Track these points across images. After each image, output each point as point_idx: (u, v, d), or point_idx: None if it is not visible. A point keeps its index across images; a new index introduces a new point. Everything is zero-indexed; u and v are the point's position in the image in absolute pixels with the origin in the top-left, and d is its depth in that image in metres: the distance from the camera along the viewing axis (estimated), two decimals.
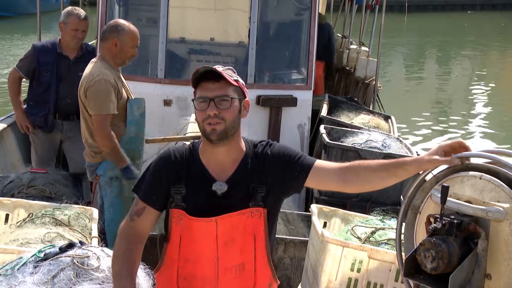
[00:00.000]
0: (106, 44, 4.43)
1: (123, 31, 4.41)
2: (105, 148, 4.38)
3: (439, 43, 26.75)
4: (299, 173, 2.59)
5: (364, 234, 3.66)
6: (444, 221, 2.27)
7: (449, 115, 14.56)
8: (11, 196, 4.81)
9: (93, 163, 4.50)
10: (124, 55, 4.47)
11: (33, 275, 2.57)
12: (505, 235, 2.25)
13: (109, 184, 4.44)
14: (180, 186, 2.54)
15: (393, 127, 6.73)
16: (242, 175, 2.57)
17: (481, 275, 2.31)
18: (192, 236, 2.54)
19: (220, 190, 2.54)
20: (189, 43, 7.02)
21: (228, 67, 2.61)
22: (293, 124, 5.88)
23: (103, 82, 4.28)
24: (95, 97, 4.28)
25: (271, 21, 6.70)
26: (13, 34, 22.89)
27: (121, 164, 4.42)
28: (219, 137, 2.51)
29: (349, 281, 3.45)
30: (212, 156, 2.58)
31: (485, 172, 2.33)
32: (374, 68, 8.55)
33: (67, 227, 3.51)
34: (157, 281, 2.69)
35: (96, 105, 4.30)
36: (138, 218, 2.57)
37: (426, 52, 25.10)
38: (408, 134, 11.94)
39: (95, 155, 4.46)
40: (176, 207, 2.54)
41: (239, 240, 2.55)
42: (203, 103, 2.50)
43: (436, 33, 29.01)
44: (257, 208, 2.55)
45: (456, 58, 23.83)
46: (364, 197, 5.23)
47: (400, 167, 2.46)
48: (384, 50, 10.01)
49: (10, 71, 5.90)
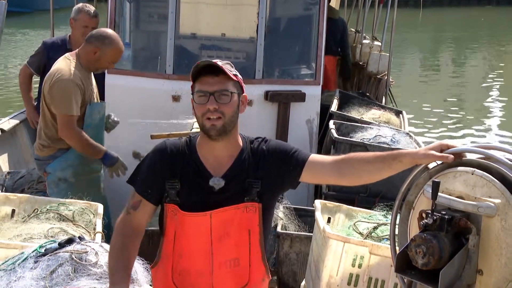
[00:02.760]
0: (88, 48, 4.42)
1: (108, 45, 4.40)
2: (76, 147, 4.39)
3: (455, 38, 26.55)
4: (294, 167, 2.61)
5: (366, 229, 3.66)
6: (435, 216, 2.27)
7: (463, 110, 14.43)
8: (21, 191, 4.91)
9: (40, 157, 4.51)
10: (99, 65, 4.48)
11: (32, 270, 2.61)
12: (496, 230, 2.24)
13: (56, 184, 4.43)
14: (174, 181, 2.55)
15: (404, 122, 6.69)
16: (238, 170, 2.58)
17: (472, 270, 2.31)
18: (186, 231, 2.56)
19: (218, 185, 2.56)
20: (200, 38, 7.05)
21: (226, 61, 2.62)
22: (302, 120, 5.87)
23: (70, 83, 4.27)
24: (60, 96, 4.28)
25: (280, 16, 6.69)
26: (29, 30, 23.11)
27: (98, 156, 4.44)
28: (218, 133, 2.52)
29: (350, 276, 3.45)
30: (209, 151, 2.59)
31: (477, 167, 2.33)
32: (387, 63, 8.50)
33: (71, 222, 3.56)
34: (154, 277, 2.71)
35: (61, 105, 4.30)
36: (134, 212, 2.58)
37: (441, 47, 24.93)
38: (421, 129, 11.87)
39: (43, 148, 4.47)
40: (170, 202, 2.56)
41: (233, 235, 2.57)
42: (203, 97, 2.51)
43: (451, 28, 28.79)
44: (252, 203, 2.57)
45: (471, 53, 23.62)
46: (372, 193, 5.20)
47: (396, 159, 2.46)
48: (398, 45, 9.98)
49: (21, 67, 5.98)
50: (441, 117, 13.41)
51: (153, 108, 5.69)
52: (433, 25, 29.15)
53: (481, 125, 13.00)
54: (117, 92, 5.75)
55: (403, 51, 21.14)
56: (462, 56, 23.13)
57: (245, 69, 6.00)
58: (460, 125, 13.02)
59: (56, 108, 4.34)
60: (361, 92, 8.59)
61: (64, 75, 4.29)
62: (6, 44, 19.63)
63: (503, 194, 2.23)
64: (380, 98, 8.55)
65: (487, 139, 11.69)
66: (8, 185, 5.17)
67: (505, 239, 2.22)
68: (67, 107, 4.29)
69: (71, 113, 4.30)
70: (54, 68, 4.41)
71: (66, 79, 4.28)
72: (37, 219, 3.55)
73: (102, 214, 3.76)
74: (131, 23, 6.79)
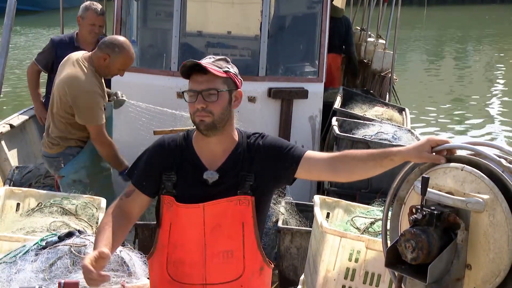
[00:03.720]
0: (99, 54, 4.50)
1: (118, 53, 4.47)
2: (106, 157, 4.54)
3: (459, 36, 26.51)
4: (290, 163, 2.65)
5: (364, 224, 3.71)
6: (425, 211, 2.30)
7: (466, 107, 14.45)
8: (28, 186, 5.01)
9: (50, 154, 4.60)
10: (109, 72, 4.56)
11: (32, 263, 2.68)
12: (485, 226, 2.27)
13: (71, 186, 4.50)
14: (171, 173, 2.61)
15: (407, 119, 6.73)
16: (232, 164, 2.63)
17: (460, 265, 2.33)
18: (181, 222, 2.62)
19: (212, 179, 2.61)
20: (206, 36, 7.12)
21: (221, 57, 2.66)
22: (304, 116, 5.92)
23: (94, 95, 4.39)
24: (89, 109, 4.40)
25: (283, 14, 6.74)
26: (42, 28, 23.24)
27: (119, 169, 4.55)
28: (207, 128, 2.57)
29: (347, 270, 3.50)
30: (204, 145, 2.65)
31: (466, 163, 2.36)
32: (390, 60, 8.55)
33: (73, 216, 3.63)
34: (150, 267, 2.77)
35: (91, 118, 4.42)
36: (126, 198, 2.65)
37: (445, 45, 24.90)
38: (424, 126, 11.89)
39: (52, 146, 4.56)
40: (166, 194, 2.62)
41: (226, 227, 2.62)
42: (192, 96, 2.57)
43: (455, 26, 28.73)
44: (245, 196, 2.61)
45: (475, 52, 23.61)
46: (374, 188, 5.27)
47: (388, 158, 2.51)
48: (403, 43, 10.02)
49: (29, 64, 6.06)
50: (444, 114, 13.43)
51: (158, 104, 5.75)
52: (437, 23, 29.13)
53: (484, 122, 13.01)
54: (123, 88, 5.83)
55: (408, 49, 21.15)
56: (465, 54, 23.13)
57: (249, 67, 6.07)
58: (463, 122, 13.03)
59: (85, 120, 4.44)
60: (365, 89, 8.64)
61: (86, 85, 4.39)
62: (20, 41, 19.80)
63: (492, 190, 2.26)
64: (384, 95, 8.60)
65: (490, 136, 11.69)
66: (16, 179, 5.27)
67: (493, 235, 2.25)
68: (97, 118, 4.42)
69: (102, 122, 4.44)
70: (72, 73, 4.45)
71: (91, 91, 4.39)
72: (40, 212, 3.63)
73: (105, 208, 3.83)
74: (138, 21, 6.85)
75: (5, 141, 5.94)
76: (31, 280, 2.54)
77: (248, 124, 5.22)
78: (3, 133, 5.93)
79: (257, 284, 2.75)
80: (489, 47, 24.46)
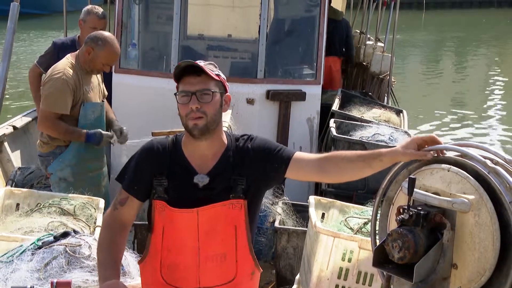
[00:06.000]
0: (83, 48, 4.54)
1: (101, 46, 4.49)
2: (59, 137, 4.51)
3: (456, 39, 26.54)
4: (279, 164, 2.66)
5: (357, 225, 3.76)
6: (412, 212, 2.33)
7: (464, 110, 14.46)
8: (30, 186, 5.06)
9: (42, 153, 4.65)
10: (93, 66, 4.55)
11: (28, 263, 2.71)
12: (470, 226, 2.30)
13: (58, 184, 4.54)
14: (162, 178, 2.61)
15: (404, 121, 6.78)
16: (223, 167, 2.64)
17: (446, 264, 2.36)
18: (174, 226, 2.62)
19: (202, 182, 2.62)
20: (207, 39, 7.19)
21: (210, 62, 2.68)
22: (302, 118, 5.98)
23: (59, 81, 4.37)
24: (48, 93, 4.41)
25: (281, 17, 6.82)
26: (47, 31, 23.30)
27: (81, 139, 4.52)
28: (201, 132, 2.58)
29: (340, 270, 3.55)
30: (194, 149, 2.65)
31: (453, 164, 2.39)
32: (389, 63, 8.61)
33: (71, 216, 3.67)
34: (142, 272, 2.77)
35: (45, 101, 4.42)
36: (121, 207, 2.64)
37: (443, 48, 24.94)
38: (422, 128, 11.94)
39: (43, 145, 4.61)
40: (158, 199, 2.61)
41: (220, 230, 2.62)
42: (185, 97, 2.56)
43: (453, 29, 28.79)
44: (238, 200, 2.62)
45: (473, 55, 23.61)
46: (370, 189, 5.32)
47: (377, 159, 2.53)
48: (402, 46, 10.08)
49: (31, 67, 6.11)
50: (443, 117, 13.48)
51: (158, 106, 5.82)
52: (435, 26, 29.23)
53: (482, 125, 13.05)
54: (124, 91, 5.92)
55: (406, 52, 21.19)
56: (463, 57, 23.17)
57: (248, 69, 6.14)
58: (461, 124, 13.06)
59: (42, 103, 4.46)
60: (364, 91, 8.70)
61: (57, 73, 4.41)
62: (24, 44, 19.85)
63: (477, 190, 2.29)
64: (382, 97, 8.66)
65: (488, 138, 11.72)
66: (18, 180, 5.31)
67: (478, 234, 2.29)
68: (50, 104, 4.41)
69: (55, 111, 4.41)
70: (53, 65, 4.55)
71: (57, 78, 4.39)
72: (39, 213, 3.67)
73: (103, 208, 3.87)
74: (139, 24, 6.92)
75: (8, 142, 6.00)
76: (26, 279, 2.57)
77: (246, 125, 5.30)
78: (6, 134, 5.99)
79: (248, 287, 2.77)
80: (486, 50, 24.51)
